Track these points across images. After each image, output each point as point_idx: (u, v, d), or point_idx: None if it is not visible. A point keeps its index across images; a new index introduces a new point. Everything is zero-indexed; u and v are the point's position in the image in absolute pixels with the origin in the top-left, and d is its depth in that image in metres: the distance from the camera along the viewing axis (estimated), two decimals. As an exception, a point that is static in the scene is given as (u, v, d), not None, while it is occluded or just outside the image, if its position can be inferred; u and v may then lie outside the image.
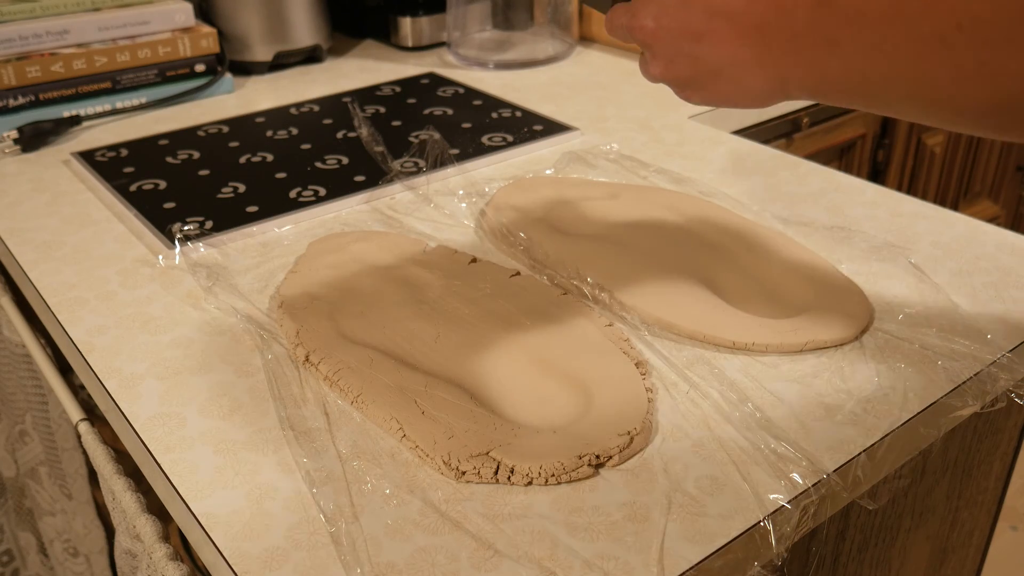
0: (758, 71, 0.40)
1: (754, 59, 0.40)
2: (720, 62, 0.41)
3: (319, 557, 0.38)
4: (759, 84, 0.41)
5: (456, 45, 1.04)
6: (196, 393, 0.49)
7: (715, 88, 0.43)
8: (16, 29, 0.85)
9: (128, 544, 0.49)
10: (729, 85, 0.42)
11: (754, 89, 0.41)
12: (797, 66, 0.39)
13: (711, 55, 0.41)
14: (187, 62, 0.93)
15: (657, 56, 0.44)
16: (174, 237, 0.63)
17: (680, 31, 0.42)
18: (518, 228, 0.62)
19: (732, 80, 0.42)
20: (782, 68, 0.39)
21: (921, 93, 0.34)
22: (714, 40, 0.41)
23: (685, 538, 0.39)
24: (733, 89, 0.42)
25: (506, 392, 0.47)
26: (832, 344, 0.51)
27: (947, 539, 0.65)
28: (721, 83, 0.42)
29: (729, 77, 0.42)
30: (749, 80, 0.41)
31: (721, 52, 0.41)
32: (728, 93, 0.43)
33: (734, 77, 0.41)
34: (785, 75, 0.40)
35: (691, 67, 0.43)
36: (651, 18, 0.43)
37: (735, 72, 0.41)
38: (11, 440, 0.86)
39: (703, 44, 0.41)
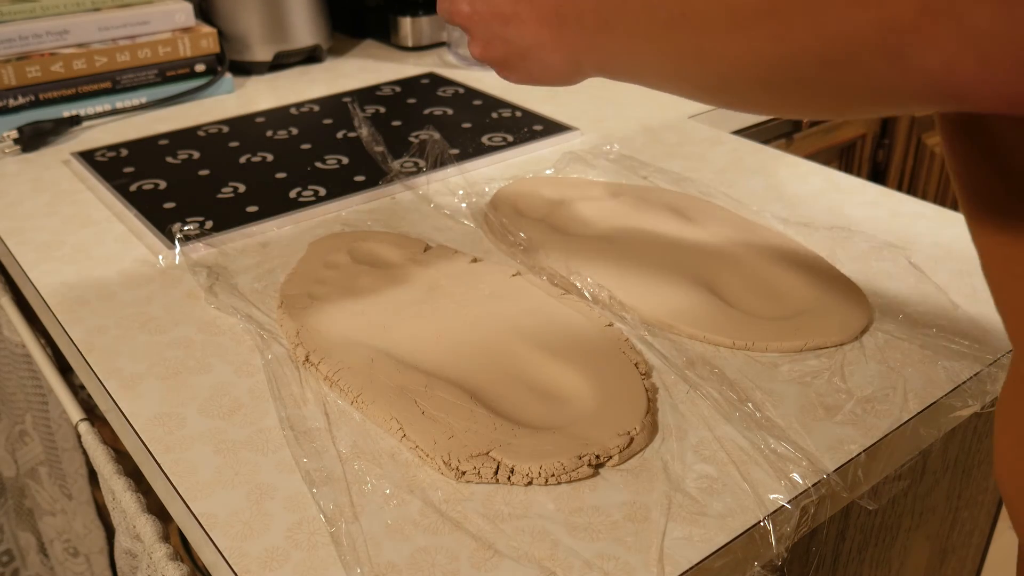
0: (557, 52, 0.42)
1: (552, 41, 0.42)
2: (526, 43, 0.43)
3: (319, 557, 0.38)
4: (559, 64, 0.43)
5: (456, 45, 1.04)
6: (196, 393, 0.49)
7: (525, 68, 0.45)
8: (16, 29, 0.85)
9: (128, 544, 0.49)
10: (535, 65, 0.44)
11: (556, 69, 0.43)
12: (586, 47, 0.41)
13: (518, 37, 0.43)
14: (187, 62, 0.93)
15: (475, 38, 0.46)
16: (174, 237, 0.63)
17: (491, 15, 0.44)
18: (518, 228, 0.62)
19: (537, 61, 0.44)
20: (575, 49, 0.41)
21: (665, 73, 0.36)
22: (519, 23, 0.43)
23: (685, 538, 0.39)
24: (539, 69, 0.44)
25: (506, 392, 0.47)
26: (832, 344, 0.51)
27: (947, 539, 0.65)
28: (529, 63, 0.44)
29: (535, 58, 0.44)
30: (551, 60, 0.43)
31: (525, 34, 0.43)
32: (536, 73, 0.45)
33: (539, 58, 0.43)
34: (578, 55, 0.41)
35: (503, 49, 0.45)
36: (466, 2, 0.45)
37: (539, 53, 0.43)
38: (11, 440, 0.86)
39: (511, 27, 0.43)
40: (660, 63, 0.36)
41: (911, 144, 1.30)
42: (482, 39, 0.46)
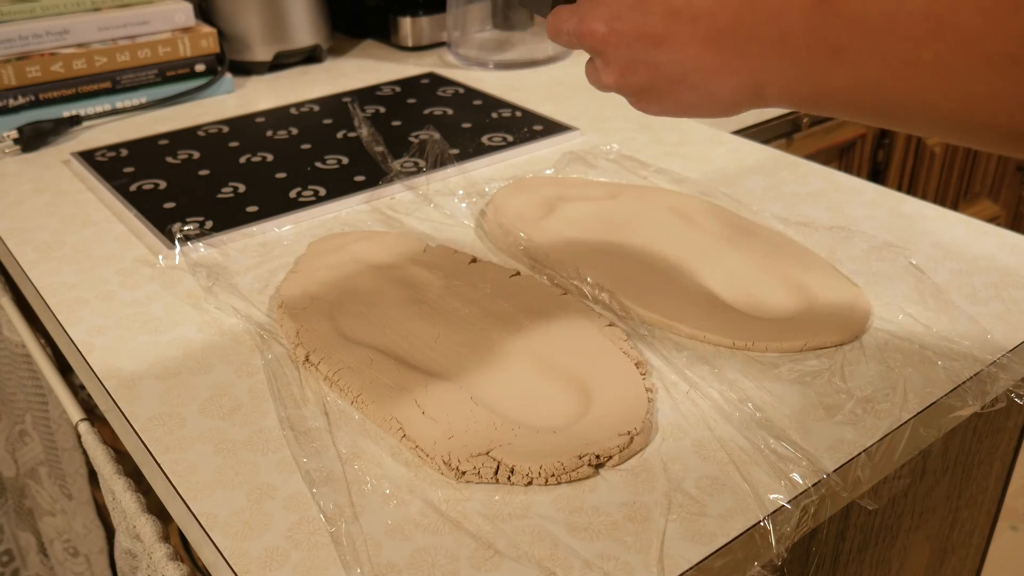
0: (728, 78, 0.37)
1: (723, 65, 0.37)
2: (682, 68, 0.38)
3: (319, 557, 0.38)
4: (728, 92, 0.38)
5: (456, 45, 1.04)
6: (196, 393, 0.49)
7: (676, 97, 0.39)
8: (16, 29, 0.85)
9: (128, 544, 0.49)
10: (692, 93, 0.39)
11: (722, 97, 0.38)
12: (782, 73, 0.35)
13: (672, 61, 0.38)
14: (187, 62, 0.93)
15: (611, 63, 0.41)
16: (174, 237, 0.63)
17: (636, 35, 0.38)
18: (518, 228, 0.62)
19: (696, 88, 0.38)
20: (760, 74, 0.36)
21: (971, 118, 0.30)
22: (676, 44, 0.37)
23: (685, 538, 0.39)
24: (697, 97, 0.39)
25: (506, 392, 0.47)
26: (832, 344, 0.51)
27: (947, 539, 0.65)
28: (683, 91, 0.39)
29: (693, 84, 0.38)
30: (716, 87, 0.38)
31: (684, 57, 0.37)
32: (691, 102, 0.39)
33: (699, 84, 0.38)
34: (762, 82, 0.36)
35: (649, 75, 0.39)
36: (602, 22, 0.39)
37: (700, 79, 0.38)
38: (11, 440, 0.86)
39: (663, 49, 0.38)
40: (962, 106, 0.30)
41: (911, 144, 1.30)
42: (620, 64, 0.40)
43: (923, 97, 0.31)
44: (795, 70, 0.34)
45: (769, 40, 0.35)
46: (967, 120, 0.30)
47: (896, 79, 0.31)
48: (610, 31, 0.39)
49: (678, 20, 0.37)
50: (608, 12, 0.39)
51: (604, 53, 0.40)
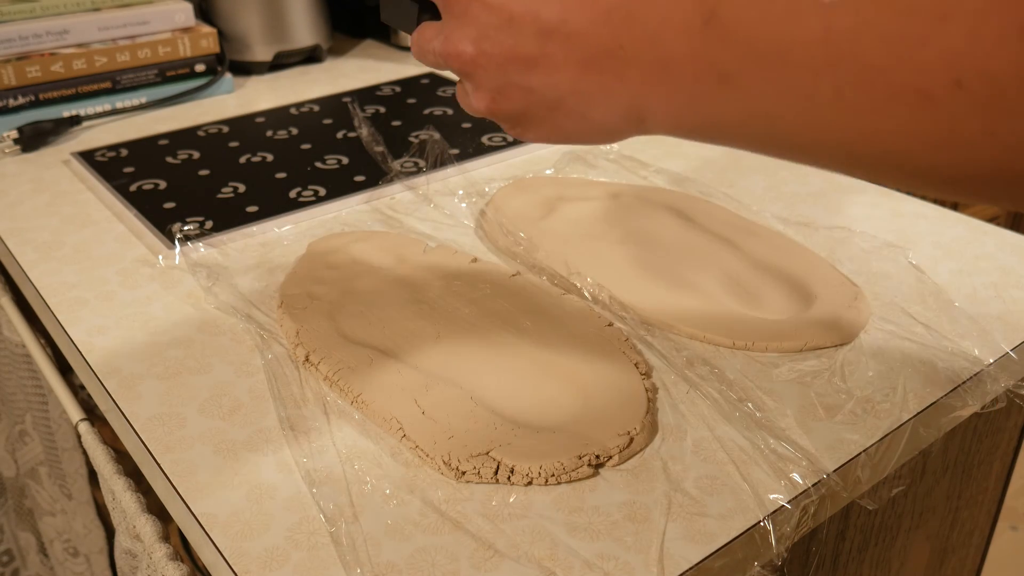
0: (607, 104, 0.34)
1: (601, 90, 0.34)
2: (558, 93, 0.35)
3: (319, 557, 0.38)
4: (608, 119, 0.35)
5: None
6: (196, 393, 0.49)
7: (554, 123, 0.36)
8: (16, 29, 0.85)
9: (128, 544, 0.49)
10: (570, 120, 0.36)
11: (602, 124, 0.35)
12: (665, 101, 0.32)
13: (547, 85, 0.35)
14: (187, 62, 0.93)
15: (481, 87, 0.37)
16: (174, 237, 0.63)
17: (507, 57, 0.35)
18: (518, 228, 0.62)
19: (573, 114, 0.35)
20: (641, 101, 0.33)
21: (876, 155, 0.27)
22: (550, 68, 0.34)
23: (685, 538, 0.39)
24: (576, 124, 0.36)
25: (506, 392, 0.47)
26: (832, 344, 0.51)
27: (947, 539, 0.65)
28: (561, 117, 0.36)
29: (570, 110, 0.35)
30: (595, 114, 0.35)
31: (559, 82, 0.34)
32: (570, 129, 0.36)
33: (576, 110, 0.35)
34: (644, 109, 0.33)
35: (523, 100, 0.36)
36: (469, 42, 0.36)
37: (577, 104, 0.35)
38: (11, 440, 0.86)
39: (536, 73, 0.34)
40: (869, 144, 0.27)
41: (911, 144, 1.30)
42: (490, 88, 0.37)
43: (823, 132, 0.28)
44: (680, 98, 0.32)
45: (650, 65, 0.32)
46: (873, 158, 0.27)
47: (793, 112, 0.28)
48: (478, 52, 0.36)
49: (551, 41, 0.33)
50: (475, 32, 0.36)
51: (473, 76, 0.37)
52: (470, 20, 0.36)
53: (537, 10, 0.33)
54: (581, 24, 0.33)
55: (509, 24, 0.34)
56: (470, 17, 0.36)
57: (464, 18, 0.36)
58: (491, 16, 0.35)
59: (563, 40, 0.33)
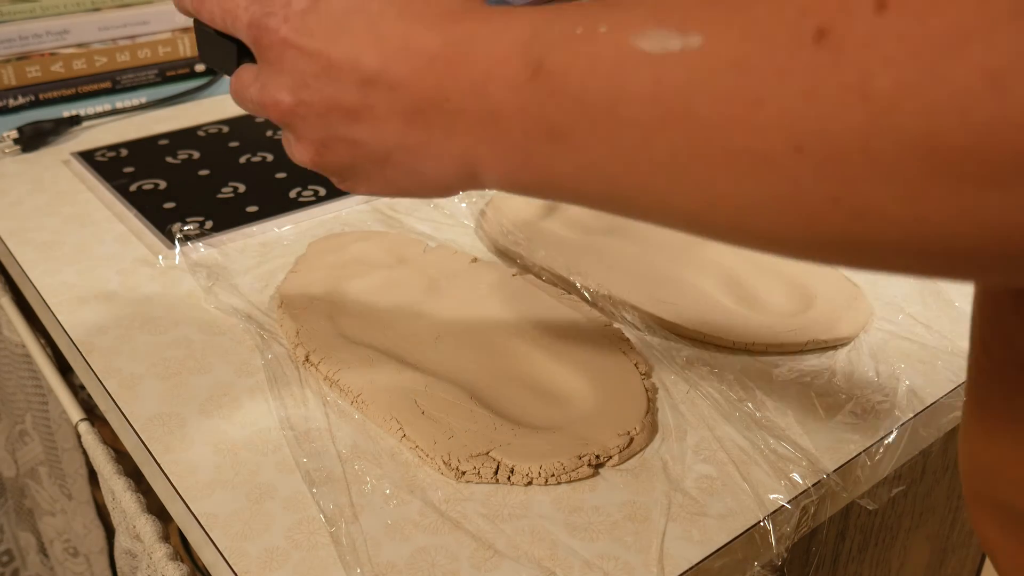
0: (436, 159, 0.32)
1: (429, 143, 0.31)
2: (384, 146, 0.32)
3: (319, 557, 0.38)
4: (439, 174, 0.32)
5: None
6: (196, 393, 0.49)
7: (384, 177, 0.34)
8: (16, 29, 0.85)
9: (128, 544, 0.49)
10: (400, 174, 0.33)
11: (433, 179, 0.33)
12: (497, 157, 0.30)
13: (372, 138, 0.32)
14: (187, 62, 0.93)
15: (303, 139, 0.35)
16: (174, 237, 0.63)
17: (328, 108, 0.33)
18: (518, 228, 0.62)
19: (402, 168, 0.33)
20: (472, 156, 0.30)
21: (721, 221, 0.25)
22: (374, 119, 0.32)
23: (685, 538, 0.39)
24: (406, 179, 0.34)
25: (506, 392, 0.47)
26: (832, 344, 0.51)
27: (947, 539, 0.65)
28: (390, 171, 0.33)
29: (398, 164, 0.33)
30: (425, 168, 0.32)
31: (384, 134, 0.32)
32: (402, 184, 0.34)
33: (404, 164, 0.33)
34: (476, 164, 0.31)
35: (349, 153, 0.34)
36: (287, 91, 0.33)
37: (405, 158, 0.32)
38: (11, 440, 0.86)
39: (361, 125, 0.32)
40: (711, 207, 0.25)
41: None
42: (314, 140, 0.34)
43: (662, 194, 0.26)
44: (512, 154, 0.29)
45: (478, 118, 0.29)
46: (719, 224, 0.25)
47: (628, 172, 0.26)
48: (297, 102, 0.33)
49: (374, 90, 0.31)
50: (292, 80, 0.33)
51: (294, 127, 0.35)
52: (286, 67, 0.33)
53: (357, 56, 0.31)
54: (403, 73, 0.30)
55: (327, 71, 0.32)
56: (286, 64, 0.33)
57: (279, 64, 0.33)
58: (308, 63, 0.32)
59: (386, 90, 0.31)
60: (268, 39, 0.34)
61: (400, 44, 0.30)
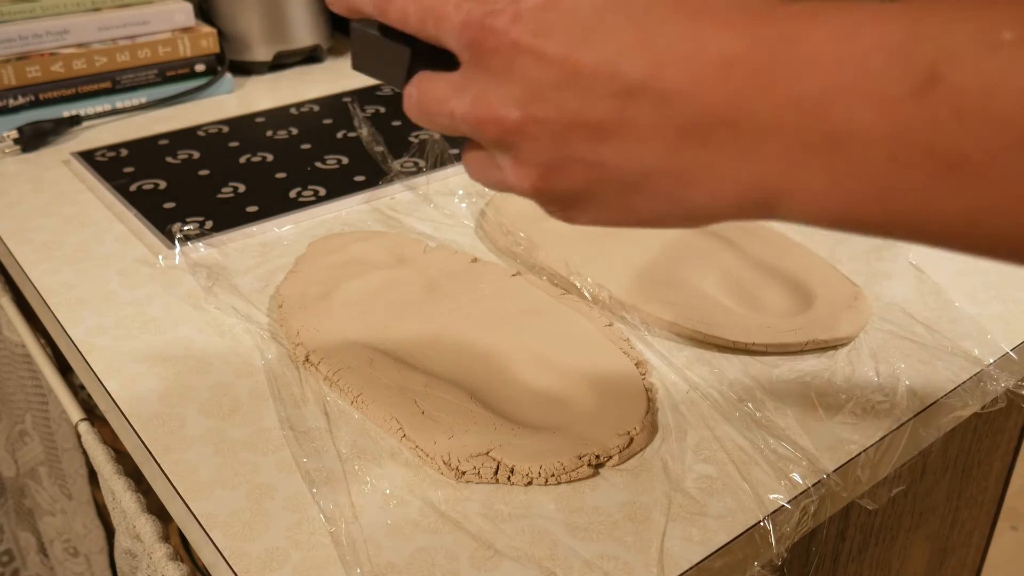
0: (715, 185, 0.26)
1: (708, 168, 0.26)
2: (640, 169, 0.27)
3: (319, 557, 0.38)
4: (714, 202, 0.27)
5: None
6: (196, 393, 0.49)
7: (625, 206, 0.29)
8: (16, 29, 0.85)
9: (128, 544, 0.49)
10: (653, 202, 0.28)
11: (701, 208, 0.27)
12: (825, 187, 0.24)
13: (624, 159, 0.27)
14: (187, 62, 0.93)
15: (525, 161, 0.29)
16: (174, 237, 0.63)
17: (568, 124, 0.27)
18: (518, 228, 0.62)
19: (658, 196, 0.27)
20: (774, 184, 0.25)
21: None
22: (631, 137, 0.26)
23: (685, 538, 0.39)
24: (659, 208, 0.28)
25: (506, 392, 0.47)
26: (832, 344, 0.51)
27: (947, 539, 0.65)
28: (637, 199, 0.28)
29: (654, 191, 0.27)
30: (694, 196, 0.27)
31: (642, 155, 0.27)
32: (648, 213, 0.28)
33: (663, 191, 0.27)
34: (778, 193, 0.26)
35: (585, 177, 0.28)
36: (514, 105, 0.28)
37: (666, 185, 0.27)
38: (11, 440, 0.86)
39: (610, 144, 0.27)
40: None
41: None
42: (539, 163, 0.28)
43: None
44: (856, 185, 0.24)
45: (803, 139, 0.24)
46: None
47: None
48: (527, 118, 0.28)
49: (636, 103, 0.26)
50: (523, 91, 0.28)
51: (516, 147, 0.29)
52: (516, 76, 0.28)
53: (615, 61, 0.26)
54: (681, 82, 0.25)
55: (573, 80, 0.27)
56: (516, 72, 0.28)
57: (506, 73, 0.28)
58: (547, 71, 0.27)
59: (654, 102, 0.25)
60: (493, 42, 0.28)
61: (677, 48, 0.25)
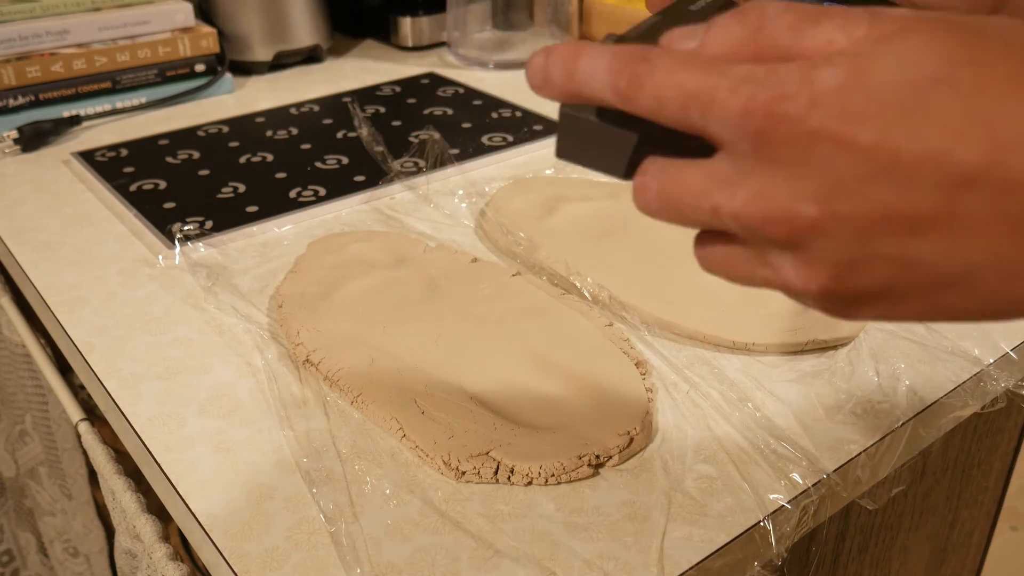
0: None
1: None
2: (963, 264, 0.24)
3: (319, 557, 0.38)
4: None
5: (456, 45, 1.04)
6: (196, 393, 0.49)
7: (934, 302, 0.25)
8: (16, 29, 0.85)
9: (128, 544, 0.49)
10: (969, 298, 0.25)
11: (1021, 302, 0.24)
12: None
13: (946, 255, 0.24)
14: (187, 62, 0.93)
15: (817, 261, 0.25)
16: (174, 237, 0.63)
17: (879, 220, 0.24)
18: (518, 228, 0.62)
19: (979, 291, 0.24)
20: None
21: None
22: (956, 231, 0.23)
23: (685, 538, 0.39)
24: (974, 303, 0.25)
25: (506, 392, 0.47)
26: (832, 344, 0.51)
27: (947, 539, 0.65)
28: (949, 295, 0.25)
29: (975, 285, 0.24)
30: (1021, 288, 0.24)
31: (970, 250, 0.23)
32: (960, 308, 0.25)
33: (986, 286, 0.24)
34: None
35: (891, 274, 0.25)
36: (811, 200, 0.24)
37: (993, 279, 0.24)
38: (11, 440, 0.86)
39: (930, 238, 0.23)
40: None
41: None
42: (836, 262, 0.25)
43: None
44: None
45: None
46: None
47: None
48: (827, 215, 0.24)
49: (970, 193, 0.23)
50: (823, 186, 0.24)
51: (807, 246, 0.25)
52: (814, 169, 0.24)
53: (945, 150, 0.22)
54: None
55: (889, 172, 0.23)
56: (814, 164, 0.24)
57: (801, 166, 0.24)
58: (855, 162, 0.23)
59: (992, 192, 0.22)
60: (785, 132, 0.24)
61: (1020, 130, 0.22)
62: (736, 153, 0.25)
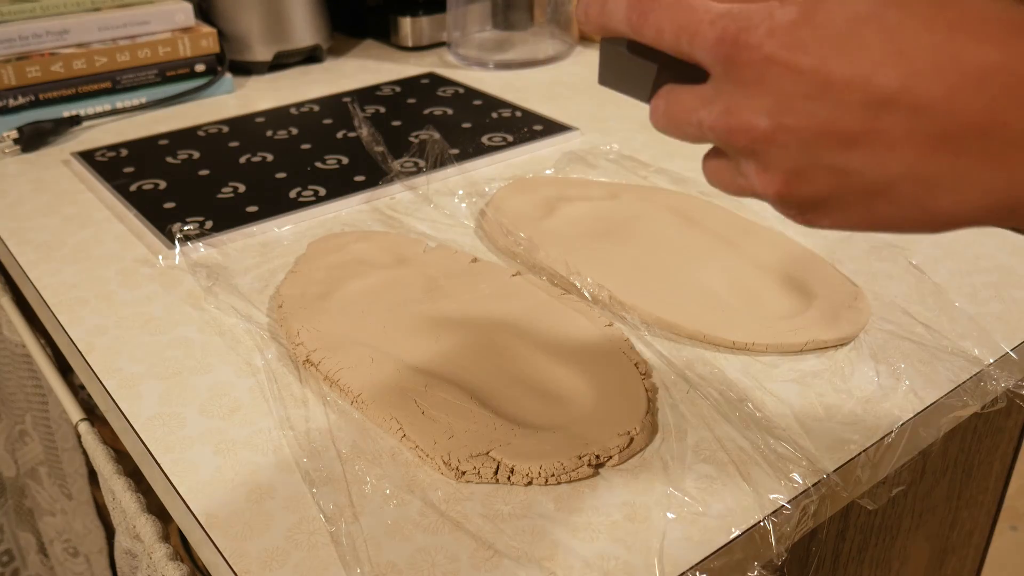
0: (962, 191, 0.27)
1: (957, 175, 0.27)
2: (886, 176, 0.28)
3: (319, 557, 0.38)
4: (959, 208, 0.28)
5: (456, 45, 1.04)
6: (196, 393, 0.49)
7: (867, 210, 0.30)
8: (16, 29, 0.85)
9: (128, 544, 0.49)
10: (895, 208, 0.29)
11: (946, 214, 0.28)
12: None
13: (870, 166, 0.28)
14: (187, 62, 0.93)
15: (771, 168, 0.30)
16: (174, 237, 0.63)
17: (817, 133, 0.28)
18: (518, 228, 0.62)
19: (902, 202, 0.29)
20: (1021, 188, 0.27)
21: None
22: (880, 146, 0.28)
23: (685, 538, 0.39)
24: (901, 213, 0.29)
25: (506, 392, 0.47)
26: (832, 344, 0.51)
27: (947, 539, 0.65)
28: (880, 204, 0.29)
29: (898, 198, 0.29)
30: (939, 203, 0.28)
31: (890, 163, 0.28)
32: (889, 217, 0.30)
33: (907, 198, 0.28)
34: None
35: (831, 183, 0.29)
36: (764, 114, 0.29)
37: (911, 191, 0.28)
38: (11, 440, 0.86)
39: (858, 152, 0.28)
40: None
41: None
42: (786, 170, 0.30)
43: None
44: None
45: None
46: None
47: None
48: (776, 127, 0.29)
49: (887, 113, 0.27)
50: (773, 102, 0.29)
51: (763, 155, 0.30)
52: (766, 88, 0.29)
53: (867, 74, 0.27)
54: (935, 93, 0.26)
55: (824, 92, 0.28)
56: (767, 84, 0.29)
57: (757, 85, 0.29)
58: (798, 83, 0.28)
59: (906, 113, 0.27)
60: (746, 56, 0.29)
61: (931, 59, 0.26)
62: (715, 76, 0.31)
